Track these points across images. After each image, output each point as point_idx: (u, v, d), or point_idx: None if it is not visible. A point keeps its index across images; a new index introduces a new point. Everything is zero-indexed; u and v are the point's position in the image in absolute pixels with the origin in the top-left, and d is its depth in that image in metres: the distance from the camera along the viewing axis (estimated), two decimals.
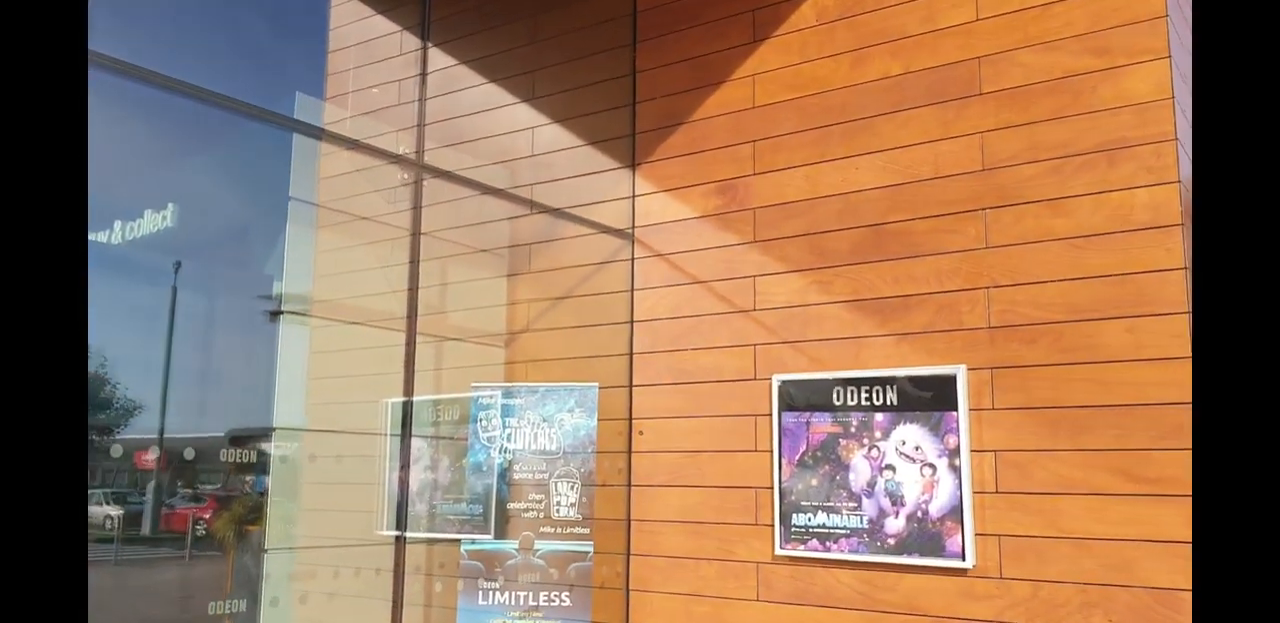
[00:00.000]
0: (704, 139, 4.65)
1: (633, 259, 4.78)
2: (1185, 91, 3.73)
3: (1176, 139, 3.57)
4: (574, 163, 5.00)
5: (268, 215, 4.61)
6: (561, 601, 4.23)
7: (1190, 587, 3.27)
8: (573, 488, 4.34)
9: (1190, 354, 3.43)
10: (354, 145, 3.96)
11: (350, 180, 4.82)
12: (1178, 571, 3.31)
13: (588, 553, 4.30)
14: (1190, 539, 3.30)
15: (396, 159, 4.11)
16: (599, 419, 4.47)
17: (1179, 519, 3.33)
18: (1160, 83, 3.62)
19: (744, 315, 4.39)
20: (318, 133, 4.39)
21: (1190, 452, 3.36)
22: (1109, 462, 3.48)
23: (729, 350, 4.40)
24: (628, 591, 4.48)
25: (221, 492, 4.20)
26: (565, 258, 5.00)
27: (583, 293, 4.88)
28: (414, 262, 4.03)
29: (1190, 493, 3.33)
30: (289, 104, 4.43)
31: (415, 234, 4.00)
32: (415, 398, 4.47)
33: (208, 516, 4.12)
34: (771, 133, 4.45)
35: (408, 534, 4.44)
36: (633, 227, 4.79)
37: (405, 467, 3.71)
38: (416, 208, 4.07)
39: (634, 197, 4.82)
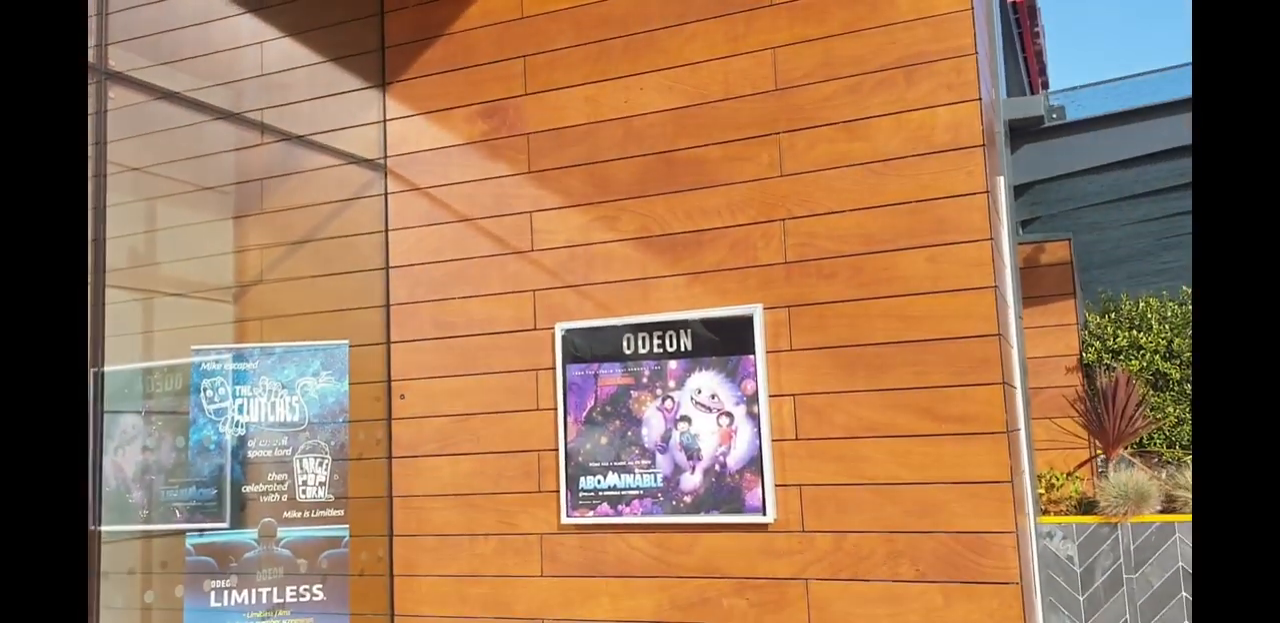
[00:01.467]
0: (466, 54, 4.05)
1: (386, 194, 4.13)
2: (983, 3, 3.52)
3: (976, 54, 3.34)
4: (312, 83, 4.26)
5: None
6: (313, 594, 3.61)
7: (1003, 529, 3.10)
8: (321, 464, 3.70)
9: (987, 294, 3.24)
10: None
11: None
12: (983, 512, 3.13)
13: (342, 538, 3.68)
14: (1003, 479, 3.13)
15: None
16: (351, 383, 3.84)
17: (985, 458, 3.15)
18: None
19: (520, 257, 3.87)
20: None
21: (997, 387, 3.17)
22: (910, 401, 3.26)
23: (504, 298, 3.87)
24: (391, 577, 3.91)
25: None
26: (305, 195, 4.27)
27: (327, 235, 4.19)
28: (99, 207, 3.22)
29: (1001, 430, 3.15)
30: None
31: (100, 166, 3.18)
32: (120, 368, 3.67)
33: None
34: (544, 47, 3.91)
35: (127, 528, 3.68)
36: (384, 156, 4.13)
37: (99, 449, 2.97)
38: (99, 116, 3.24)
39: (385, 121, 4.16)
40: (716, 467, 3.44)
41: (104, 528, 2.90)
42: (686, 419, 3.50)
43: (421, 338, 4.00)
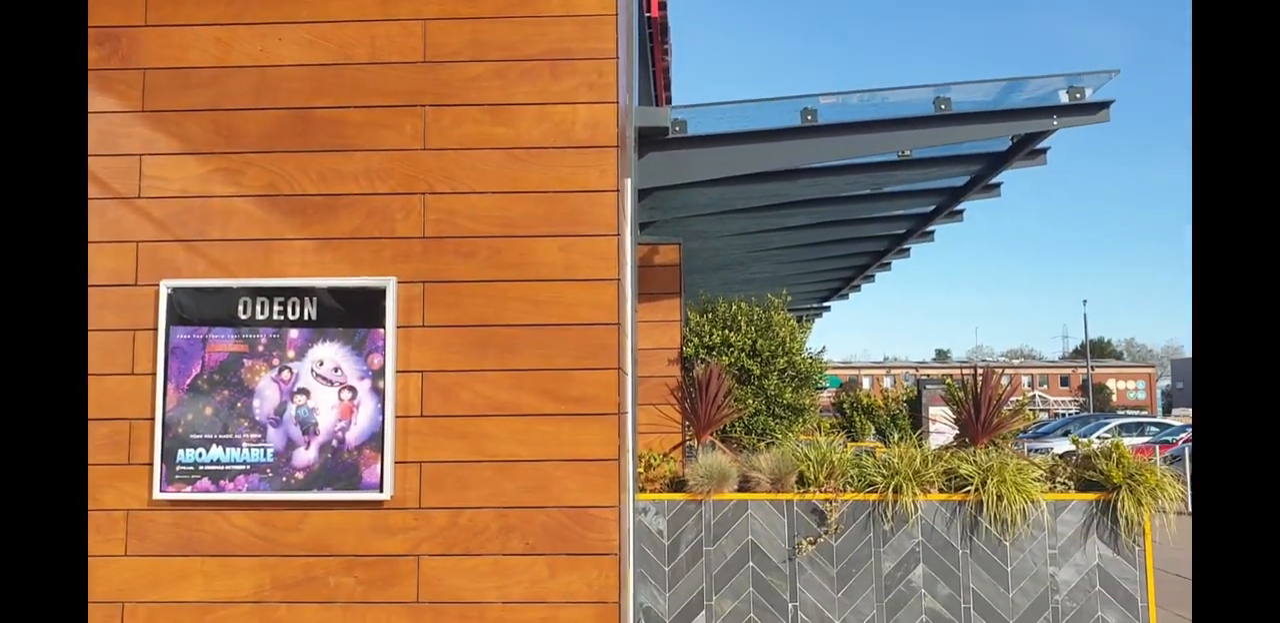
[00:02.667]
0: None
1: None
2: (628, 9, 3.71)
3: (617, 58, 3.52)
4: None
5: None
6: None
7: (608, 504, 3.30)
8: None
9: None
10: None
11: None
12: (591, 488, 3.31)
13: None
14: (611, 457, 3.33)
15: None
16: None
17: (597, 437, 3.34)
18: None
19: (124, 203, 3.47)
20: None
21: (613, 372, 3.37)
22: (535, 382, 3.37)
23: (101, 247, 3.45)
24: None
25: None
26: None
27: None
28: None
29: (613, 412, 3.35)
30: None
31: None
32: None
33: None
34: None
35: None
36: None
37: None
38: None
39: None
40: (334, 442, 3.32)
41: None
42: (305, 392, 3.34)
43: None
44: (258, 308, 3.38)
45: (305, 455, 3.31)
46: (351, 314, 3.37)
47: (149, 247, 3.45)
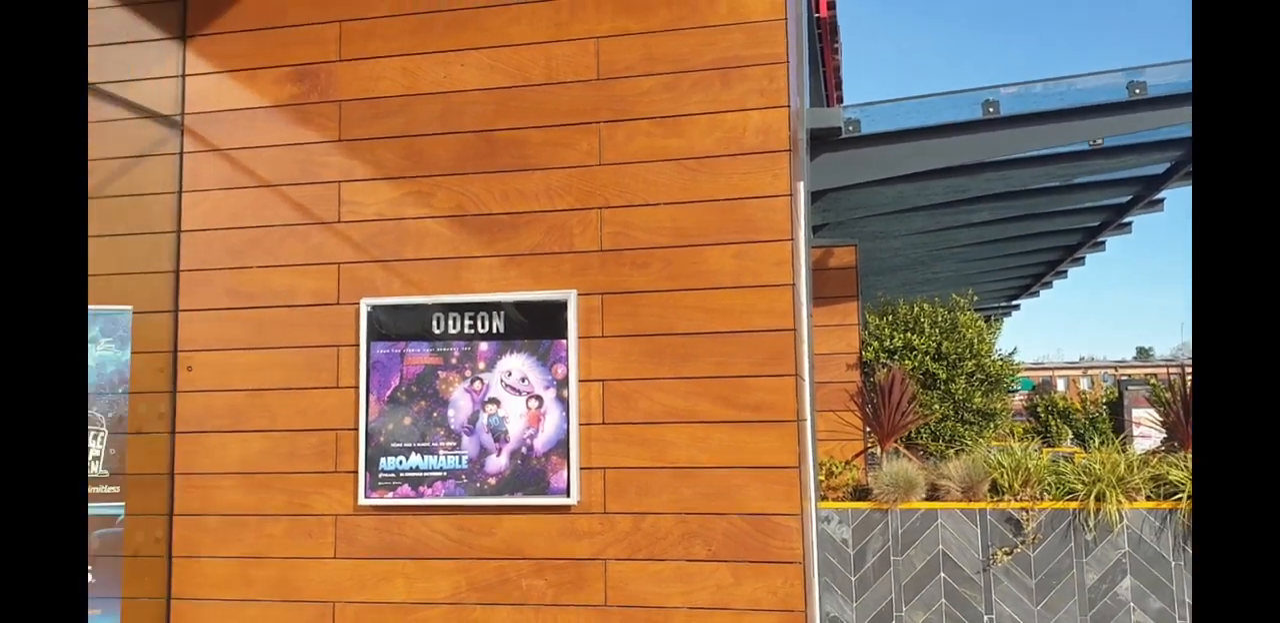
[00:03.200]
0: (277, 14, 3.85)
1: (181, 153, 3.88)
2: (797, 12, 3.68)
3: (787, 62, 3.50)
4: (105, 27, 3.93)
5: None
6: None
7: (790, 511, 3.28)
8: (96, 438, 3.44)
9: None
10: None
11: None
12: (773, 496, 3.30)
13: (117, 517, 3.44)
14: (791, 464, 3.31)
15: None
16: (133, 352, 3.59)
17: (776, 445, 3.32)
18: (774, 2, 3.52)
19: (326, 228, 3.73)
20: None
21: (790, 378, 3.35)
22: (712, 389, 3.39)
23: (306, 269, 3.72)
24: (170, 558, 3.68)
25: None
26: (90, 148, 3.94)
27: (112, 193, 3.88)
28: None
29: (792, 419, 3.33)
30: None
31: None
32: None
33: None
34: (362, 14, 3.78)
35: None
36: (182, 113, 3.88)
37: None
38: None
39: (184, 76, 3.90)
40: (523, 449, 3.45)
41: None
42: (495, 401, 3.49)
43: (214, 307, 3.78)
44: (450, 323, 3.56)
45: (497, 462, 3.45)
46: (536, 326, 3.49)
47: (349, 268, 3.69)
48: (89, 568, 3.36)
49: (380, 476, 3.53)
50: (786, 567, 3.26)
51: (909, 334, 7.26)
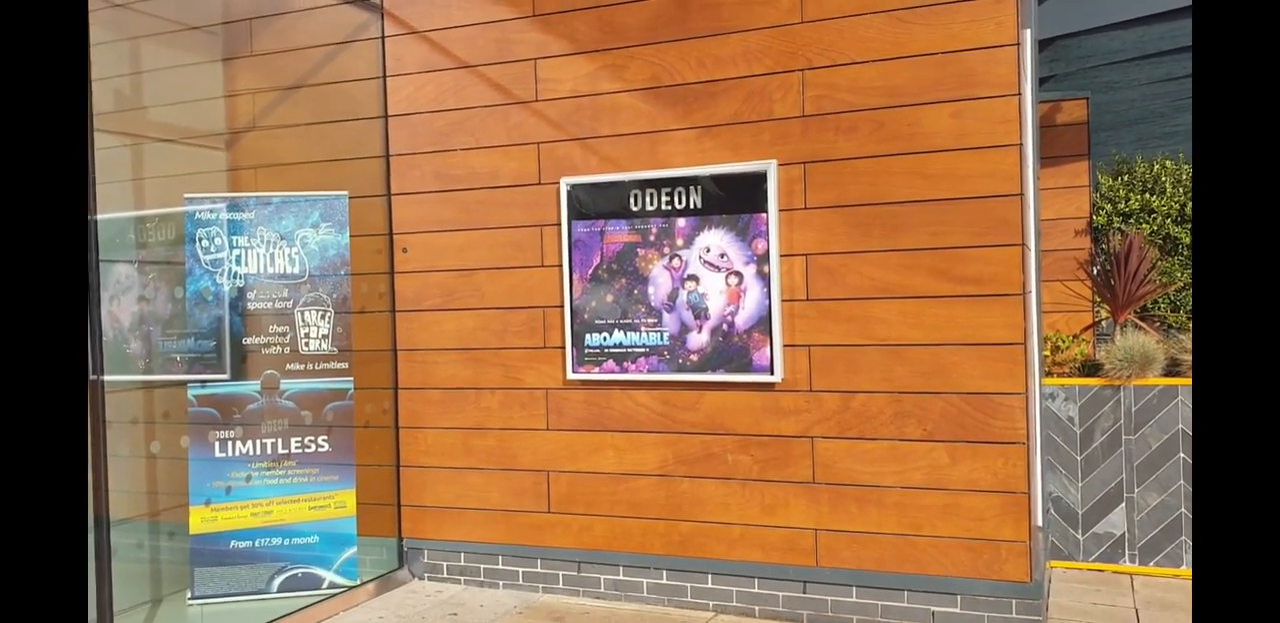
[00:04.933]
0: None
1: (383, 38, 3.90)
2: None
3: None
4: None
5: None
6: (318, 445, 3.64)
7: (1013, 390, 3.10)
8: (324, 317, 3.66)
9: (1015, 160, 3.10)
10: None
11: None
12: (994, 374, 3.11)
13: (347, 390, 3.68)
14: (1015, 340, 3.09)
15: None
16: (352, 235, 3.75)
17: (999, 320, 3.10)
18: None
19: (523, 107, 3.69)
20: None
21: (1016, 248, 3.09)
22: (926, 262, 3.18)
23: (507, 150, 3.72)
24: (397, 428, 3.94)
25: None
26: (296, 36, 4.04)
27: (321, 81, 3.98)
28: (82, 44, 2.98)
29: (1017, 293, 3.09)
30: None
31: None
32: (111, 216, 3.55)
33: None
34: None
35: (127, 378, 3.65)
36: None
37: (95, 299, 2.89)
38: None
39: None
40: (724, 326, 3.39)
41: (105, 378, 2.87)
42: (694, 278, 3.43)
43: (423, 191, 3.87)
44: (647, 199, 3.48)
45: (698, 339, 3.42)
46: (734, 200, 3.37)
47: (548, 147, 3.66)
48: (324, 438, 3.63)
49: (586, 351, 3.58)
50: (1008, 447, 3.11)
51: (1147, 195, 6.60)
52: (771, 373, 3.34)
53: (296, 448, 3.61)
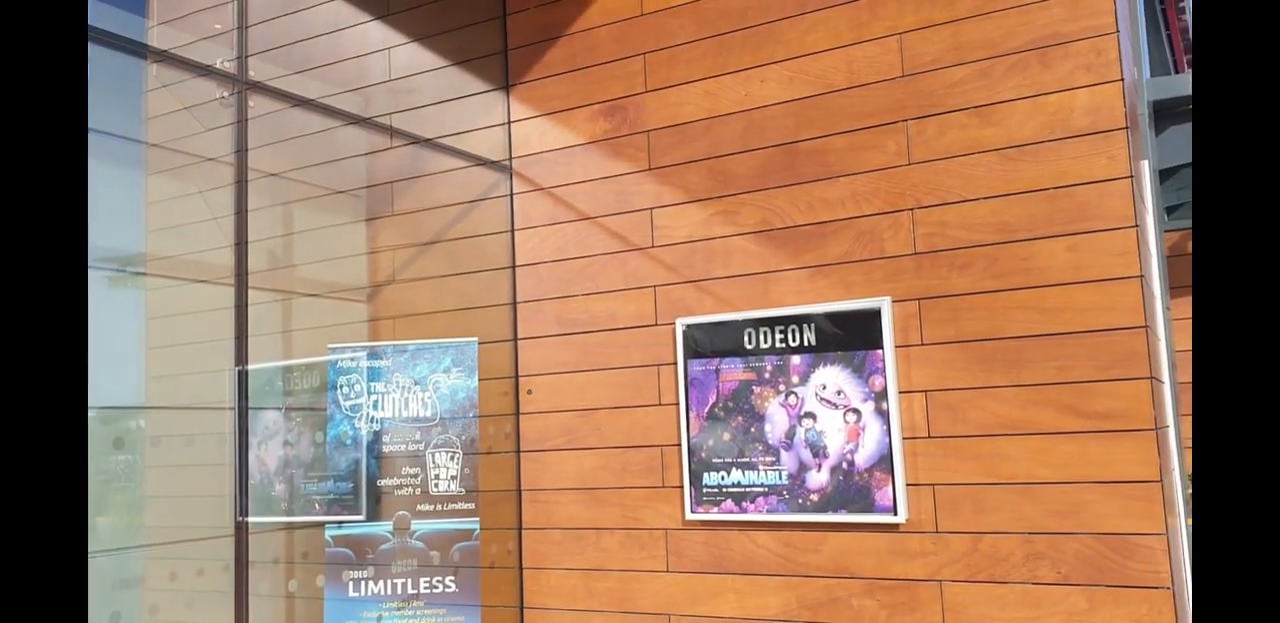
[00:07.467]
0: (587, 53, 4.07)
1: (511, 195, 4.20)
2: None
3: (1117, 32, 3.16)
4: (438, 86, 4.37)
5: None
6: (445, 586, 3.69)
7: (1152, 531, 2.93)
8: (453, 458, 3.79)
9: (1138, 273, 3.06)
10: (164, 57, 3.25)
11: (182, 118, 4.10)
12: (1130, 514, 2.96)
13: (473, 531, 3.76)
14: (1152, 478, 2.95)
15: (208, 71, 3.41)
16: (480, 379, 3.92)
17: (1132, 457, 2.98)
18: None
19: (640, 254, 3.87)
20: (141, 51, 3.64)
21: (1145, 381, 3.00)
22: (1051, 397, 3.11)
23: (625, 294, 3.88)
24: (521, 569, 3.97)
25: None
26: (433, 196, 4.39)
27: (455, 236, 4.29)
28: (241, 211, 3.36)
29: (1150, 427, 2.98)
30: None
31: (241, 173, 3.32)
32: (261, 365, 3.84)
33: None
34: (663, 43, 3.90)
35: (267, 519, 3.84)
36: (509, 158, 4.20)
37: (244, 444, 3.11)
38: (240, 125, 3.38)
39: (509, 123, 4.22)
40: (844, 465, 3.35)
41: (250, 519, 3.04)
42: (811, 416, 3.43)
43: (546, 334, 4.04)
44: (761, 337, 3.55)
45: (818, 478, 3.38)
46: (849, 337, 3.40)
47: (664, 289, 3.80)
48: (451, 578, 3.69)
49: (704, 490, 3.58)
50: (1151, 592, 2.91)
51: None
52: (895, 513, 3.26)
53: (425, 588, 3.68)
